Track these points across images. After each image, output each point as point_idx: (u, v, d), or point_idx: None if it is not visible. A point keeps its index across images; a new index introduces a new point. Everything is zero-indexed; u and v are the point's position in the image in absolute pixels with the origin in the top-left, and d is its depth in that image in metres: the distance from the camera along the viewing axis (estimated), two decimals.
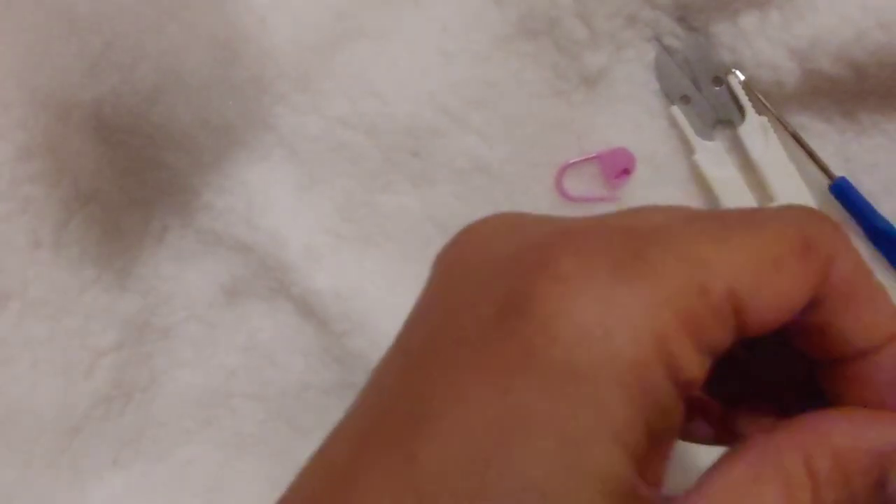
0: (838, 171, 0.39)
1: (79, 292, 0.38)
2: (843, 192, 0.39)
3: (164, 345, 0.40)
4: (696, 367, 0.19)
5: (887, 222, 0.39)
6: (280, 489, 0.21)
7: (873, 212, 0.39)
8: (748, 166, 0.40)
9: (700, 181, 0.40)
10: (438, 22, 0.39)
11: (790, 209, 0.22)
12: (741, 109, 0.40)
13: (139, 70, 0.32)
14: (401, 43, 0.39)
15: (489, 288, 0.20)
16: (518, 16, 0.39)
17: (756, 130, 0.40)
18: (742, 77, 0.40)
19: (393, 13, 0.39)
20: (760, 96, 0.40)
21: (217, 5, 0.35)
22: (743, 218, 0.21)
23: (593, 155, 0.40)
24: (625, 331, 0.18)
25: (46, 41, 0.31)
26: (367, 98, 0.37)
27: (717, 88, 0.40)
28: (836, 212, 0.40)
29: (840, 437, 0.20)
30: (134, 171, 0.35)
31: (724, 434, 0.25)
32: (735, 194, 0.40)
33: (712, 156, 0.40)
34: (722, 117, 0.40)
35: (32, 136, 0.36)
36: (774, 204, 0.39)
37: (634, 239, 0.20)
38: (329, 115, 0.40)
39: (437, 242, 0.38)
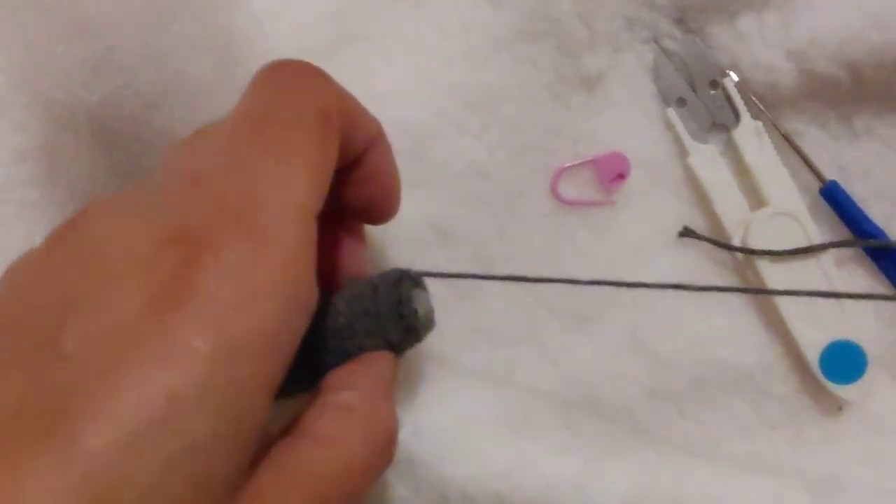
0: (831, 177, 0.40)
1: None
2: (833, 195, 0.40)
3: None
4: None
5: (876, 226, 0.39)
6: None
7: (863, 215, 0.40)
8: (742, 170, 0.40)
9: (693, 184, 0.41)
10: (438, 24, 0.39)
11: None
12: (736, 113, 0.40)
13: (142, 74, 0.31)
14: (400, 46, 0.39)
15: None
16: (518, 17, 0.39)
17: (750, 134, 0.40)
18: (737, 78, 0.40)
19: (392, 16, 0.39)
20: (755, 98, 0.40)
21: (218, 8, 0.35)
22: None
23: (589, 159, 0.40)
24: None
25: (48, 44, 0.31)
26: (366, 100, 0.37)
27: (713, 92, 0.40)
28: (827, 215, 0.40)
29: None
30: (132, 176, 0.34)
31: None
32: (728, 197, 0.40)
33: (706, 159, 0.40)
34: (717, 121, 0.40)
35: (30, 138, 0.35)
36: (768, 208, 0.40)
37: None
38: None
39: (437, 248, 0.39)
